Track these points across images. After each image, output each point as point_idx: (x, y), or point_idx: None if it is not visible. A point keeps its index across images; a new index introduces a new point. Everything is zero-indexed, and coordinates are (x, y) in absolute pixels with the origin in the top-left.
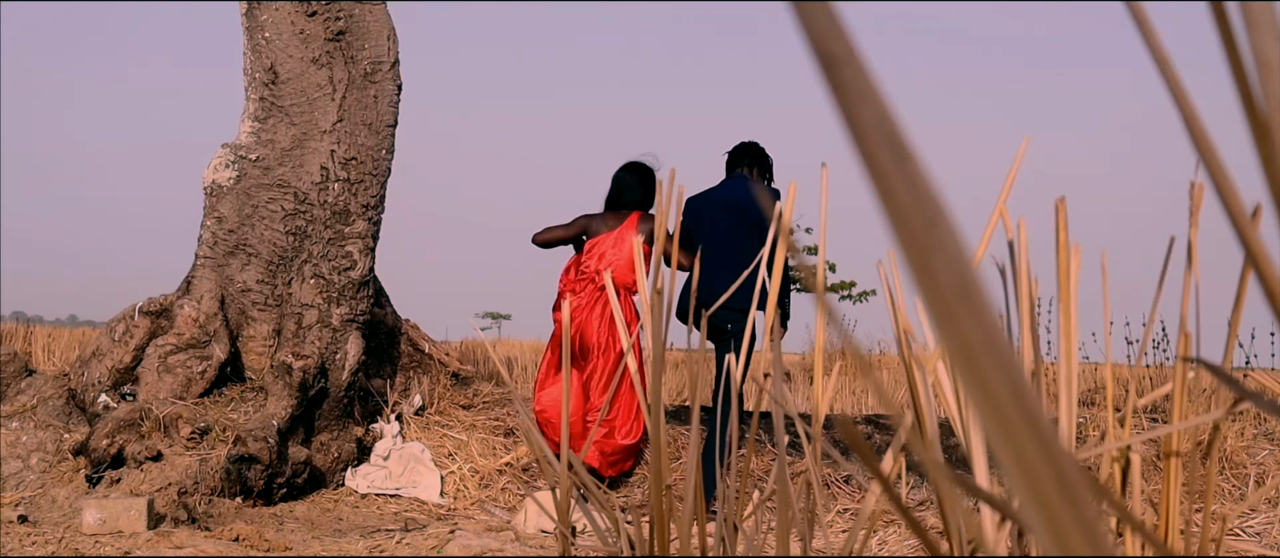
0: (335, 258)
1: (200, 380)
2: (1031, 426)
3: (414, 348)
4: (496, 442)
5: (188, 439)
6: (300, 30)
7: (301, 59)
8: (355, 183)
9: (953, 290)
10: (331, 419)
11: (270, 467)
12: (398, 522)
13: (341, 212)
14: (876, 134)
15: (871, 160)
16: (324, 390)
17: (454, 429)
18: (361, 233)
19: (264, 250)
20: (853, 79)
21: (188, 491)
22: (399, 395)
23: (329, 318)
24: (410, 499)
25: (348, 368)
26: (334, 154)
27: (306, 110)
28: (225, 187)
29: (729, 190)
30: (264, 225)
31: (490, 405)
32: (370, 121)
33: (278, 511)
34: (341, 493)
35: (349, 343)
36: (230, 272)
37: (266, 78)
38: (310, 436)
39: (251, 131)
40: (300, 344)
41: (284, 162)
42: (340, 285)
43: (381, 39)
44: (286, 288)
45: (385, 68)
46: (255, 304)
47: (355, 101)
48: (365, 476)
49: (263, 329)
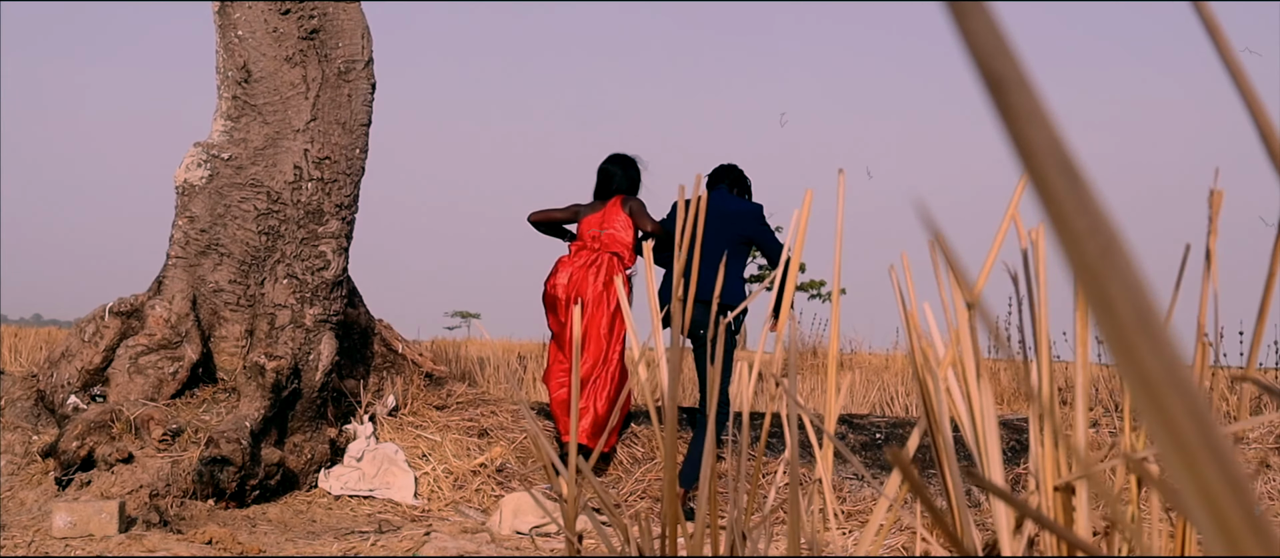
0: (309, 258)
1: (172, 382)
2: (1215, 457)
3: (387, 348)
4: (470, 443)
5: (159, 441)
6: (274, 28)
7: (275, 57)
8: (329, 182)
9: (1131, 319)
10: (305, 420)
11: (243, 469)
12: (372, 524)
13: (315, 211)
14: (1048, 158)
15: (1043, 185)
16: (297, 391)
17: (428, 430)
18: (335, 233)
19: (236, 250)
20: (1022, 101)
21: (159, 493)
22: (372, 396)
23: (302, 318)
24: (384, 501)
25: (321, 369)
26: (307, 153)
27: (280, 109)
28: (197, 186)
29: (712, 200)
30: (236, 225)
31: (464, 406)
32: (344, 121)
33: (250, 513)
34: (315, 495)
35: (322, 343)
36: (202, 272)
37: (239, 76)
38: (283, 437)
39: (224, 130)
40: (273, 345)
41: (257, 161)
42: (314, 286)
43: (356, 37)
44: (259, 288)
45: (359, 66)
46: (227, 304)
47: (329, 100)
48: (339, 477)
49: (235, 330)
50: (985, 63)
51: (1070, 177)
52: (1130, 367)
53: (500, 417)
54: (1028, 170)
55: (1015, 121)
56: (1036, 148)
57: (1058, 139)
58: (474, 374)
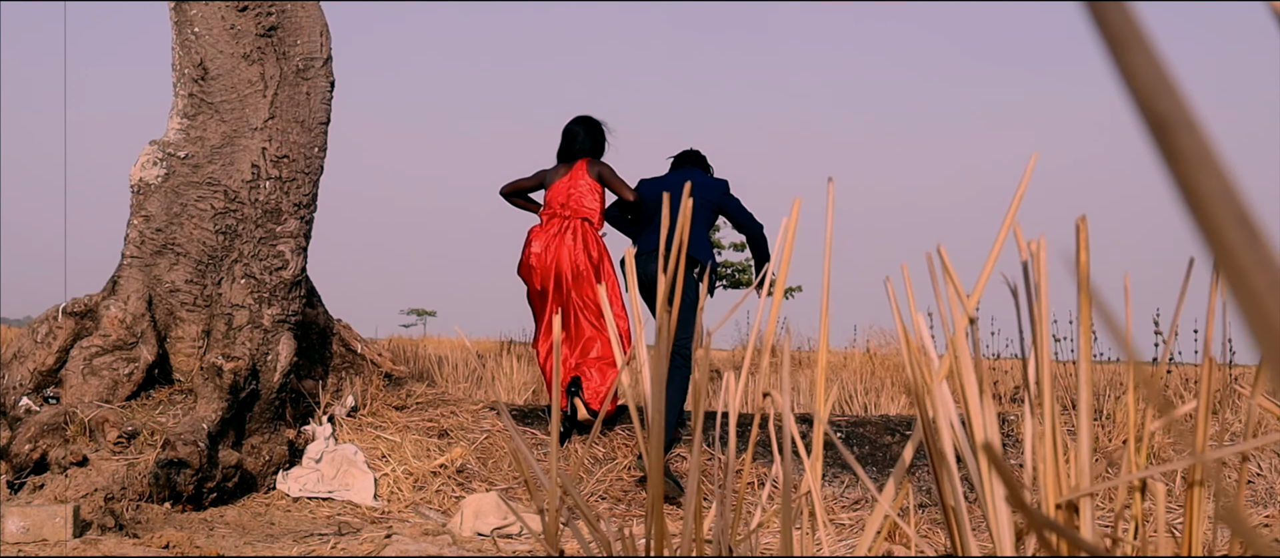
0: (266, 258)
1: (127, 383)
2: None
3: (346, 348)
4: (430, 443)
5: (114, 444)
6: (231, 26)
7: (232, 55)
8: (287, 181)
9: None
10: (263, 422)
11: (200, 471)
12: (331, 526)
13: (273, 210)
14: (1221, 207)
15: (1216, 236)
16: (255, 392)
17: (387, 431)
18: (293, 232)
19: (193, 250)
20: (1190, 145)
21: (115, 496)
22: (331, 397)
23: (260, 319)
24: (343, 502)
25: (279, 369)
26: (265, 152)
27: (237, 107)
28: (153, 184)
29: (676, 177)
30: (193, 224)
31: (423, 406)
32: (302, 119)
33: (208, 516)
34: (273, 497)
35: (280, 344)
36: (158, 271)
37: (196, 74)
38: (241, 438)
39: (180, 128)
40: (231, 346)
41: (214, 159)
42: (272, 286)
43: (314, 35)
44: (216, 288)
45: (318, 64)
46: (184, 305)
47: (287, 98)
48: (297, 479)
49: (192, 330)
50: (1147, 102)
51: (1247, 229)
52: None
53: (460, 417)
54: (1197, 218)
55: (1183, 166)
56: (1208, 195)
57: (1231, 186)
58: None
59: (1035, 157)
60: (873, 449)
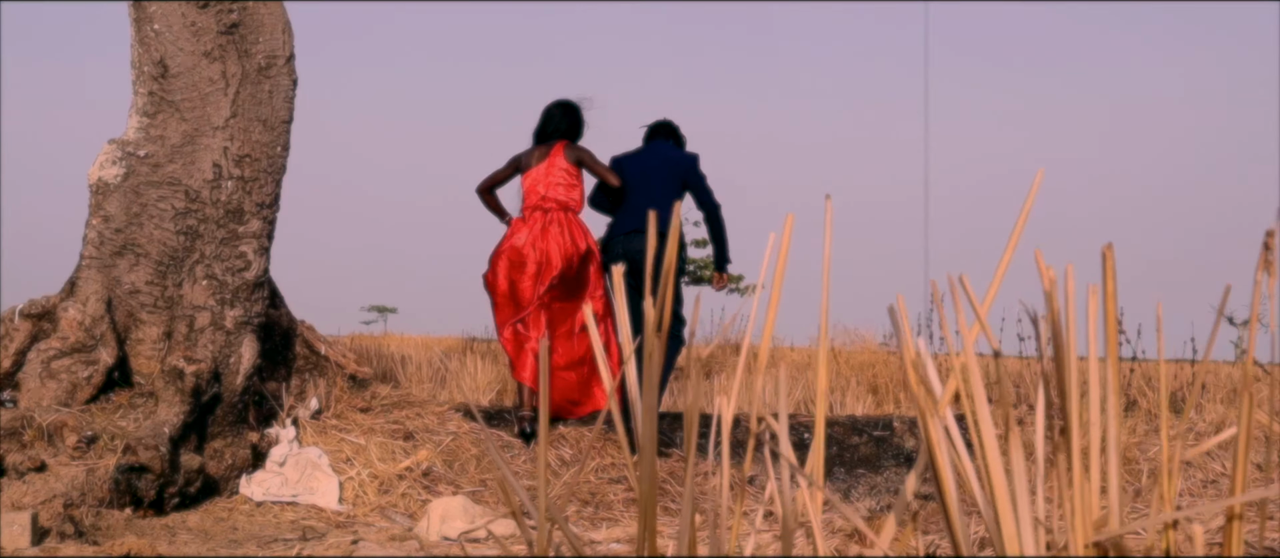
0: (229, 258)
1: (86, 386)
2: None
3: (310, 350)
4: (396, 446)
5: (74, 449)
6: (191, 23)
7: (193, 52)
8: (250, 181)
9: None
10: (225, 425)
11: (162, 476)
12: (295, 531)
13: (235, 210)
14: None
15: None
16: (217, 396)
17: (352, 433)
18: (256, 232)
19: (154, 250)
20: None
21: (74, 503)
22: (295, 399)
23: (222, 320)
24: (308, 507)
25: (242, 372)
26: (227, 151)
27: (198, 106)
28: (112, 184)
29: (650, 152)
30: (153, 225)
31: (388, 408)
32: (265, 118)
33: (170, 521)
34: (236, 501)
35: (243, 346)
36: (118, 273)
37: (155, 71)
38: (203, 442)
39: (140, 127)
40: (192, 348)
41: (174, 158)
42: (234, 287)
43: (277, 32)
44: (177, 289)
45: (280, 62)
46: (144, 306)
47: (249, 97)
48: (260, 483)
49: (152, 332)
50: None
51: None
52: None
53: (426, 419)
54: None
55: None
56: None
57: None
58: (395, 373)
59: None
60: (841, 450)
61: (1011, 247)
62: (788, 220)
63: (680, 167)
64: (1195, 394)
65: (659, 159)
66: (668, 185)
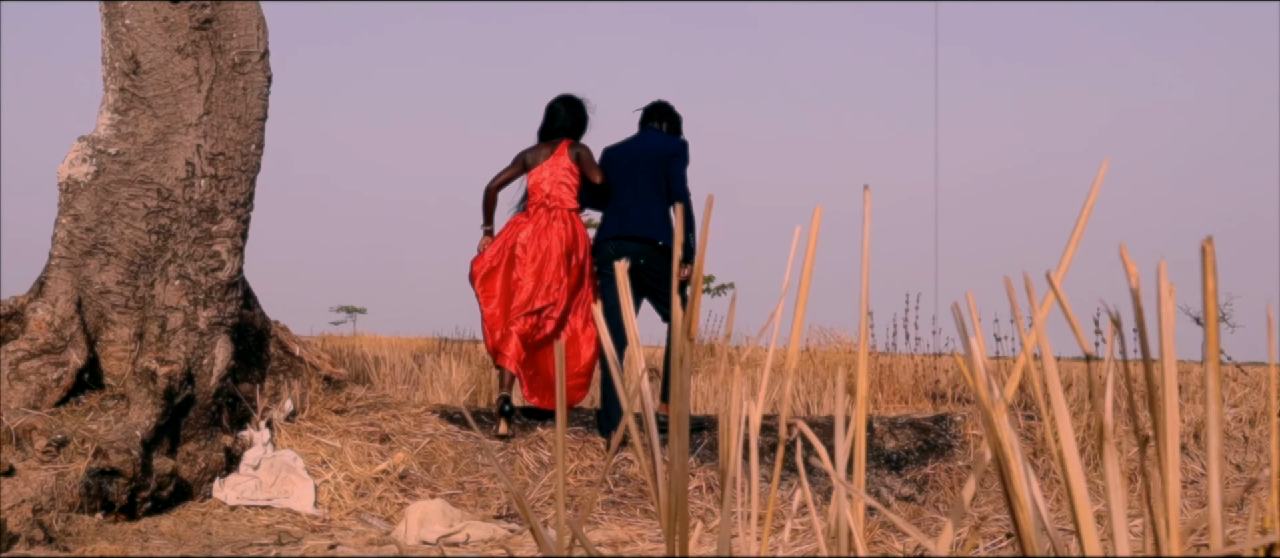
0: (202, 258)
1: (56, 389)
2: None
3: (284, 351)
4: (371, 448)
5: (43, 452)
6: (164, 18)
7: (165, 48)
8: (223, 179)
9: None
10: (199, 428)
11: (134, 480)
12: (271, 535)
13: (208, 209)
14: None
15: None
16: (191, 398)
17: (327, 435)
18: (230, 232)
19: (125, 250)
20: None
21: (44, 508)
22: (269, 401)
23: (195, 321)
24: (283, 510)
25: (216, 374)
26: (200, 149)
27: (171, 102)
28: (82, 182)
29: (641, 141)
30: (125, 224)
31: (364, 410)
32: (239, 115)
33: (142, 526)
34: (210, 505)
35: (217, 347)
36: (88, 272)
37: (127, 67)
38: (176, 445)
39: (111, 124)
40: (165, 349)
41: (146, 156)
42: (207, 287)
43: (251, 28)
44: (149, 290)
45: (254, 58)
46: (115, 307)
47: (223, 94)
48: (234, 486)
49: (124, 333)
50: None
51: None
52: None
53: (402, 421)
54: None
55: None
56: None
57: None
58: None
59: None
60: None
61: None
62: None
63: (662, 155)
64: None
65: (644, 149)
66: (653, 178)
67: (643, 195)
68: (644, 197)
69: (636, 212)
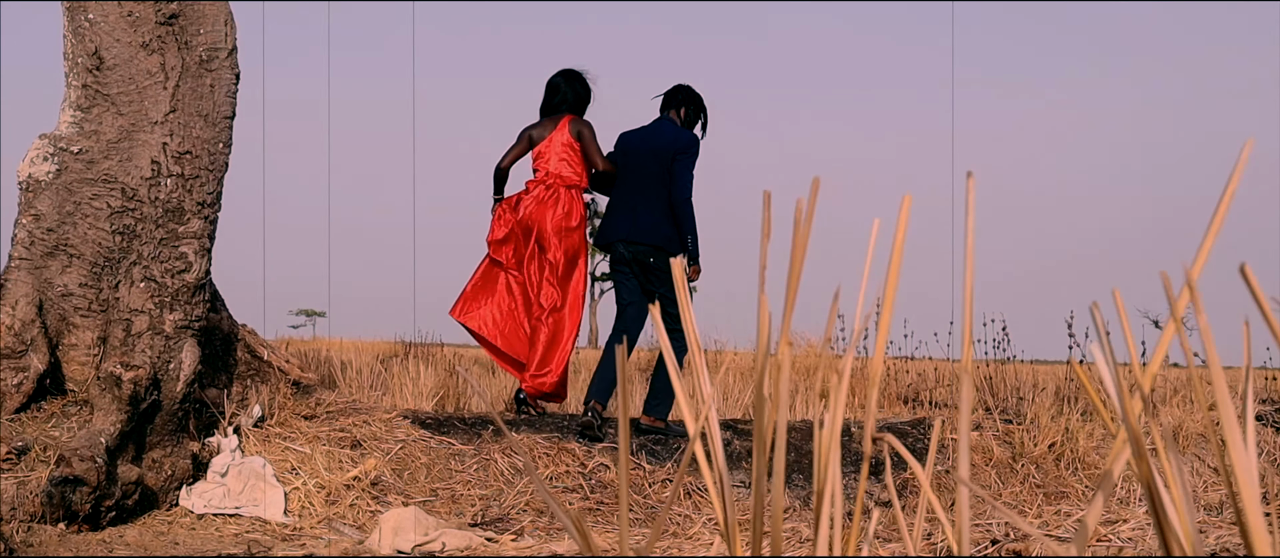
0: (168, 260)
1: (16, 394)
2: None
3: (252, 355)
4: (342, 454)
5: (3, 461)
6: (128, 12)
7: (130, 43)
8: (190, 179)
9: None
10: (165, 434)
11: (98, 488)
12: (239, 545)
13: (175, 209)
14: None
15: None
16: (156, 403)
17: (297, 442)
18: (197, 232)
19: (88, 251)
20: None
21: (4, 518)
22: (237, 407)
23: (161, 324)
24: (252, 519)
25: (183, 378)
26: (166, 147)
27: (136, 99)
28: (44, 181)
29: (654, 132)
30: (88, 224)
31: (334, 415)
32: (206, 112)
33: (106, 536)
34: (176, 514)
35: (184, 351)
36: (49, 274)
37: (90, 63)
38: (141, 453)
39: (73, 122)
40: (130, 353)
41: (110, 155)
42: (174, 289)
43: (218, 24)
44: (113, 292)
45: (222, 55)
46: (78, 310)
47: (190, 91)
48: (202, 494)
49: (87, 337)
50: None
51: None
52: None
53: (373, 426)
54: None
55: None
56: None
57: None
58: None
59: (1250, 143)
60: (799, 456)
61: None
62: (905, 201)
63: (668, 152)
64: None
65: (653, 143)
66: (661, 174)
67: (651, 195)
68: (652, 196)
69: (645, 216)
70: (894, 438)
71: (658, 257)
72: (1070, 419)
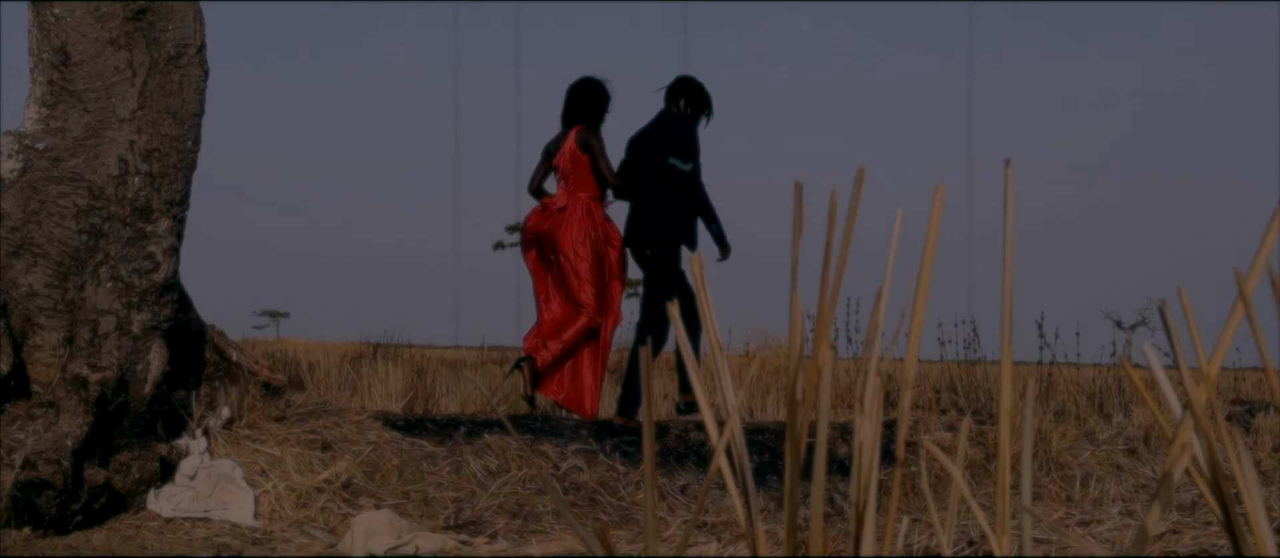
0: (136, 259)
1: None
2: None
3: (220, 356)
4: (313, 456)
5: None
6: (96, 7)
7: (97, 39)
8: (158, 177)
9: None
10: (132, 437)
11: (64, 492)
12: (209, 548)
13: (143, 208)
14: None
15: None
16: (124, 405)
17: (266, 444)
18: (165, 232)
19: (53, 251)
20: None
21: None
22: (205, 408)
23: (129, 325)
24: (221, 522)
25: (151, 380)
26: (134, 145)
27: (103, 96)
28: (8, 179)
29: (654, 128)
30: (53, 223)
31: (304, 417)
32: (174, 110)
33: (73, 540)
34: (144, 518)
35: (152, 353)
36: (13, 274)
37: (56, 59)
38: (109, 456)
39: (38, 118)
40: (96, 355)
41: (77, 152)
42: (142, 290)
43: (187, 20)
44: (79, 293)
45: (191, 51)
46: (43, 310)
47: (158, 88)
48: (170, 497)
49: (52, 338)
50: None
51: None
52: None
53: (344, 428)
54: None
55: None
56: None
57: None
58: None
59: None
60: (773, 457)
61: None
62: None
63: (663, 147)
64: None
65: (650, 139)
66: (659, 169)
67: (654, 191)
68: (654, 193)
69: (646, 213)
70: (933, 445)
71: (654, 249)
72: (1043, 420)
